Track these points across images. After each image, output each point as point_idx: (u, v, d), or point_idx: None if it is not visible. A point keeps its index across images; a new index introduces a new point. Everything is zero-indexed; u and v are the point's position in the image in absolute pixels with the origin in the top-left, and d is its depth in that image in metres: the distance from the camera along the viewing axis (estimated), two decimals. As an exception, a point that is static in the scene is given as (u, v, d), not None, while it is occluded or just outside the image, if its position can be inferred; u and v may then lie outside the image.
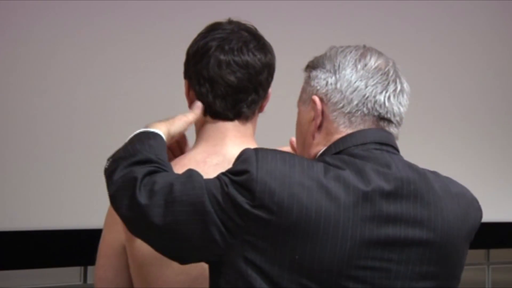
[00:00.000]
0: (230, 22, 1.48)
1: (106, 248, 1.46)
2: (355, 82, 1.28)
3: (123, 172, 1.27)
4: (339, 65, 1.30)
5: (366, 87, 1.28)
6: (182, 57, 1.50)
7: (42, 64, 2.69)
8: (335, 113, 1.29)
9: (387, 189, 1.21)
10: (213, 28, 1.46)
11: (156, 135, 1.36)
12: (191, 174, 1.24)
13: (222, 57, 1.41)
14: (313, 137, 1.31)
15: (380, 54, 1.33)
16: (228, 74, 1.41)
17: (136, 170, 1.26)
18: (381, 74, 1.29)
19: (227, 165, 1.40)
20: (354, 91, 1.28)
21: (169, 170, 1.30)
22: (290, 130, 1.58)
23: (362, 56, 1.30)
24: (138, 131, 1.37)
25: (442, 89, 3.63)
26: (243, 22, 1.48)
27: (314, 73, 1.32)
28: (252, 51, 1.43)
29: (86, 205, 2.65)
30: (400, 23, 3.49)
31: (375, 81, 1.28)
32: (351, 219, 1.17)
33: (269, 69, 1.46)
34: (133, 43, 2.84)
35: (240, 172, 1.20)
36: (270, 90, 1.49)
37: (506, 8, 3.82)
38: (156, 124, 1.40)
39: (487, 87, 3.78)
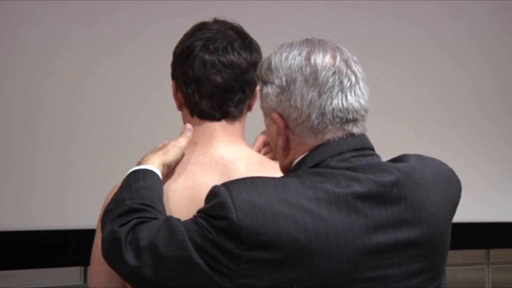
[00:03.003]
0: (215, 21, 1.47)
1: (99, 254, 1.44)
2: (307, 94, 1.23)
3: (109, 229, 1.27)
4: (286, 80, 1.24)
5: (320, 96, 1.23)
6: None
7: (43, 65, 2.70)
8: (298, 128, 1.25)
9: (370, 197, 1.20)
10: (199, 28, 1.46)
11: (146, 173, 1.35)
12: (172, 225, 1.22)
13: (207, 57, 1.41)
14: (283, 150, 1.29)
15: (324, 47, 1.27)
16: (213, 74, 1.41)
17: (119, 229, 1.25)
18: (332, 74, 1.23)
19: (215, 165, 1.41)
20: (309, 104, 1.23)
21: (154, 214, 1.28)
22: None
23: (307, 59, 1.24)
24: (130, 170, 1.36)
25: (442, 88, 3.63)
26: (229, 21, 1.48)
27: (265, 90, 1.28)
28: (238, 50, 1.42)
29: (86, 205, 2.64)
30: (399, 23, 3.49)
31: (327, 86, 1.23)
32: (341, 236, 1.16)
33: (255, 67, 1.42)
34: (132, 45, 2.84)
35: (219, 217, 1.17)
36: (258, 88, 1.46)
37: (506, 8, 3.82)
38: (149, 156, 1.39)
39: (487, 87, 3.78)
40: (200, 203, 1.33)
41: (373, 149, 1.28)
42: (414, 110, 3.50)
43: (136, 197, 1.30)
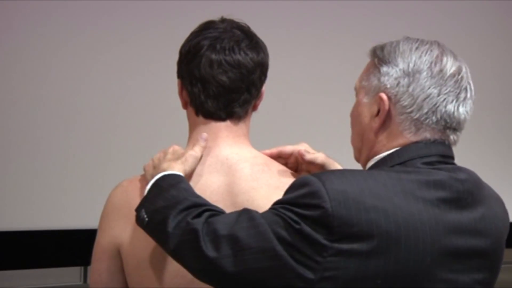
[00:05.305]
0: (222, 20, 1.46)
1: (100, 252, 1.45)
2: (428, 88, 1.25)
3: (176, 222, 1.23)
4: (413, 67, 1.26)
5: (439, 95, 1.26)
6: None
7: (43, 65, 2.70)
8: (402, 116, 1.27)
9: (451, 201, 1.22)
10: (206, 27, 1.45)
11: (180, 177, 1.32)
12: (252, 217, 1.20)
13: (213, 56, 1.40)
14: (375, 135, 1.29)
15: (455, 56, 1.31)
16: (219, 74, 1.40)
17: (193, 220, 1.22)
18: (455, 82, 1.28)
19: (220, 166, 1.41)
20: (426, 98, 1.25)
21: (215, 208, 1.26)
22: (284, 129, 1.58)
23: (439, 59, 1.28)
24: (160, 175, 1.32)
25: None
26: (236, 20, 1.47)
27: (385, 68, 1.29)
28: (244, 50, 1.41)
29: (86, 205, 2.65)
30: (399, 23, 3.48)
31: (448, 89, 1.26)
32: (428, 233, 1.17)
33: (261, 68, 1.43)
34: (134, 44, 2.84)
35: (310, 206, 1.15)
36: (264, 88, 1.48)
37: (506, 8, 3.82)
38: (171, 164, 1.36)
39: (486, 87, 3.78)
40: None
41: (453, 158, 1.31)
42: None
43: (192, 195, 1.28)
